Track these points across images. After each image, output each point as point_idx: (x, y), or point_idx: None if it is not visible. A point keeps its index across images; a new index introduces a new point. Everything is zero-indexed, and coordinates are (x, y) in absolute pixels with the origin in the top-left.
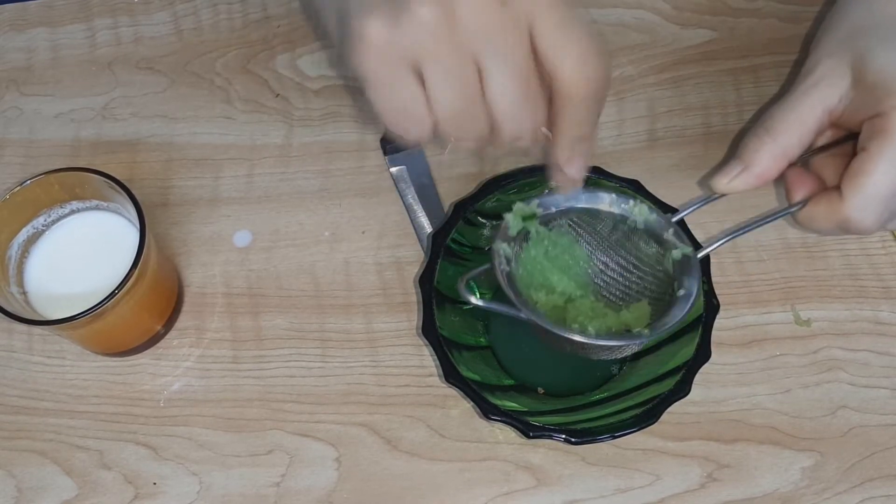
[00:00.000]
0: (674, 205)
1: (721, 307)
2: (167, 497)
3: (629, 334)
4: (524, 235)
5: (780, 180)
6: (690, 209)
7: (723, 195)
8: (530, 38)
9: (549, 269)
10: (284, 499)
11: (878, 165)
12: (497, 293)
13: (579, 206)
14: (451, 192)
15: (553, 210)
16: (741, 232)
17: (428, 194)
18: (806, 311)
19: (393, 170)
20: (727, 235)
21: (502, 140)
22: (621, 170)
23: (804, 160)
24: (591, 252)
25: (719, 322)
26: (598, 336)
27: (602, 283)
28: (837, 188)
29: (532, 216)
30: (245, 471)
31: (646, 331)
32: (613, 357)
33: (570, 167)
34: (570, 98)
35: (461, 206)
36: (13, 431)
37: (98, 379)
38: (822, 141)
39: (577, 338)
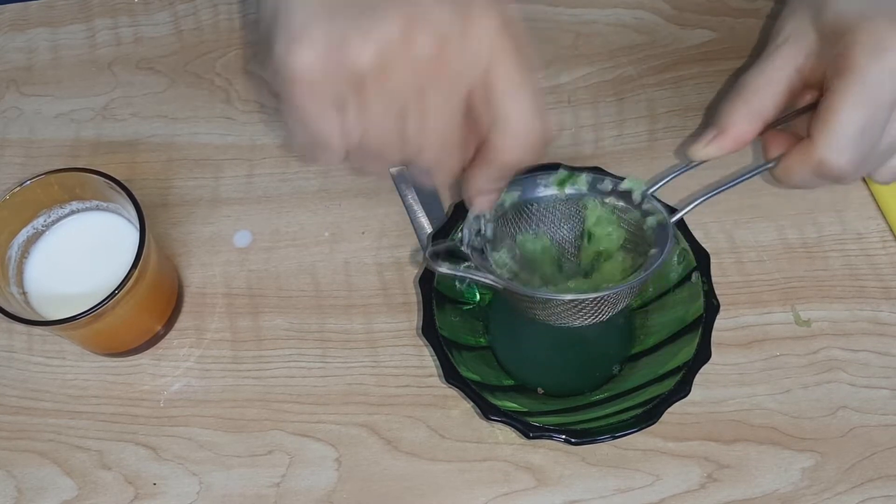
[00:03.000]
0: (672, 203)
1: (721, 307)
2: (167, 497)
3: (605, 286)
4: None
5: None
6: (666, 180)
7: (698, 164)
8: (482, 81)
9: (527, 252)
10: (284, 499)
11: (845, 101)
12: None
13: (552, 192)
14: (451, 193)
15: (523, 197)
16: (716, 191)
17: (428, 194)
18: (806, 311)
19: (393, 170)
20: (701, 196)
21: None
22: (621, 170)
23: (783, 123)
24: (563, 233)
25: (719, 322)
26: (575, 291)
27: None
28: (808, 137)
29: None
30: (245, 471)
31: (613, 284)
32: (598, 319)
33: (480, 201)
34: (503, 160)
35: (461, 206)
36: (13, 432)
37: (98, 379)
38: (803, 103)
39: (553, 295)
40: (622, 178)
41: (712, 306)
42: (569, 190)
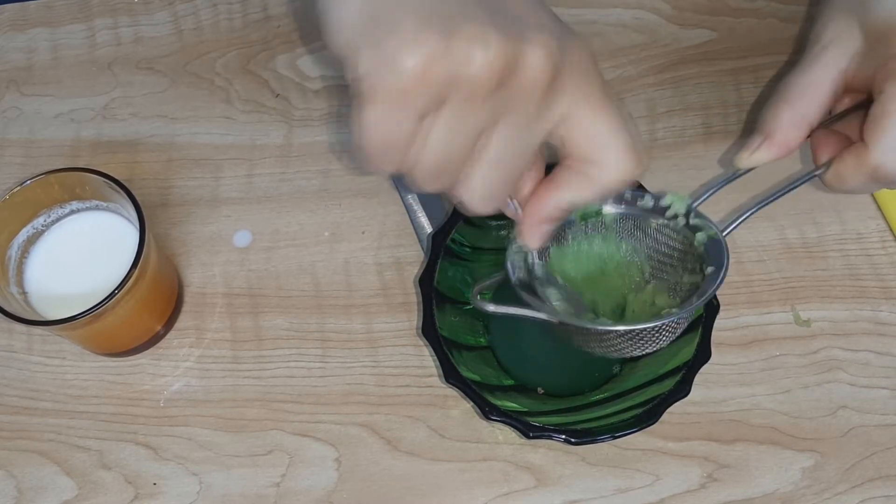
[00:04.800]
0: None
1: (721, 307)
2: (167, 497)
3: (659, 315)
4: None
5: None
6: (711, 192)
7: (744, 173)
8: (561, 120)
9: (574, 270)
10: (284, 499)
11: None
12: (497, 296)
13: (597, 209)
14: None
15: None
16: (765, 202)
17: (428, 194)
18: (806, 311)
19: None
20: (751, 209)
21: (466, 197)
22: None
23: (828, 125)
24: (614, 249)
25: (719, 322)
26: (628, 321)
27: (630, 275)
28: (862, 142)
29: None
30: (245, 471)
31: (675, 309)
32: (659, 346)
33: (535, 235)
34: (600, 186)
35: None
36: (13, 431)
37: (98, 379)
38: (842, 107)
39: (606, 327)
40: (663, 195)
41: (712, 306)
42: (610, 210)
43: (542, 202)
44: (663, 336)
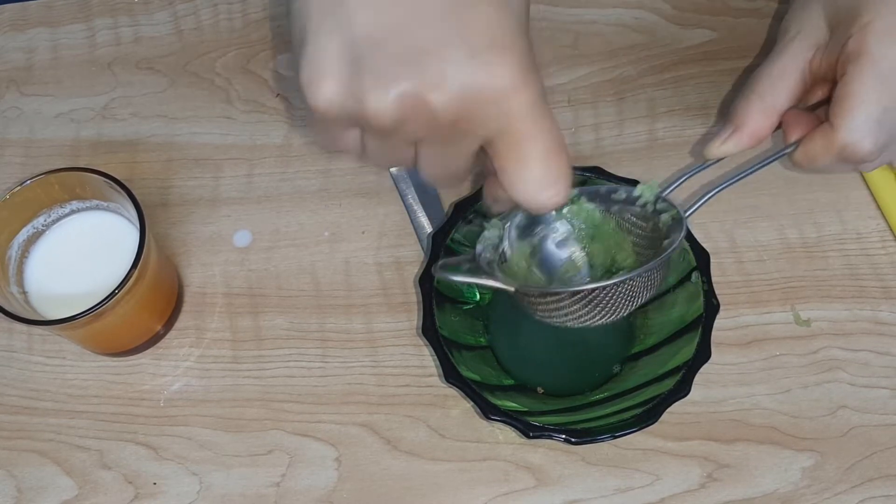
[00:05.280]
0: (673, 203)
1: (721, 307)
2: (167, 497)
3: (609, 277)
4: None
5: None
6: (680, 181)
7: (713, 163)
8: (493, 139)
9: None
10: (284, 499)
11: (862, 84)
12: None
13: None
14: (451, 192)
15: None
16: (733, 180)
17: (428, 194)
18: (806, 311)
19: (393, 170)
20: (718, 186)
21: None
22: (621, 170)
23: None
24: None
25: (719, 322)
26: (587, 281)
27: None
28: (829, 122)
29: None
30: (245, 471)
31: (624, 272)
32: (616, 314)
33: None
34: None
35: (461, 206)
36: (13, 431)
37: (98, 379)
38: (815, 99)
39: (567, 289)
40: (634, 184)
41: (712, 306)
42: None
43: (485, 189)
44: (620, 302)
